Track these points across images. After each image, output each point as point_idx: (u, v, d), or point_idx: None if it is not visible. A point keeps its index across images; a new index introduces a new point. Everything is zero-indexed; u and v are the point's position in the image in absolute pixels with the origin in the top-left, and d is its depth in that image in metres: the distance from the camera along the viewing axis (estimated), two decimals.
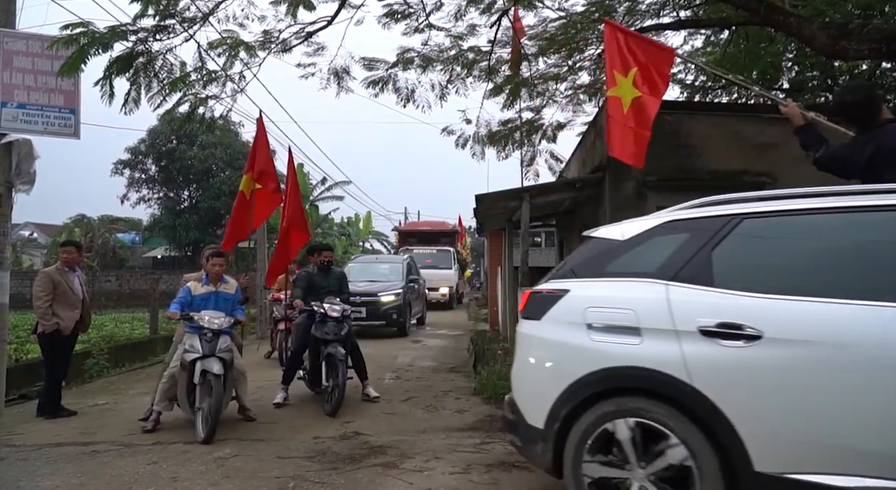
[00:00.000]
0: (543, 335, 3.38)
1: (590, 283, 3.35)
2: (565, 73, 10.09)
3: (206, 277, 5.98)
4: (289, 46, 8.01)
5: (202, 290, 5.90)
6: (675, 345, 2.89)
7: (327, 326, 6.50)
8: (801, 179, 7.96)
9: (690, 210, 3.31)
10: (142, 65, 6.86)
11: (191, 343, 5.64)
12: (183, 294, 5.82)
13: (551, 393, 3.19)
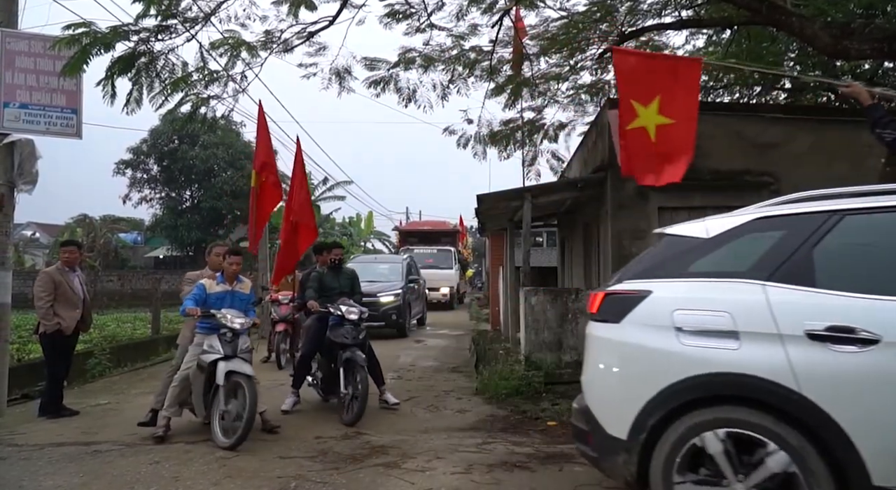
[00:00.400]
0: (625, 339, 3.15)
1: (674, 284, 3.15)
2: (567, 72, 10.08)
3: (222, 276, 5.68)
4: (290, 46, 8.01)
5: (217, 288, 5.59)
6: (780, 350, 2.70)
7: (344, 330, 6.12)
8: (802, 179, 7.99)
9: (781, 206, 3.15)
10: (144, 65, 6.86)
11: (210, 343, 5.35)
12: (197, 291, 5.51)
13: (637, 401, 2.98)
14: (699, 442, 2.82)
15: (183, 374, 5.52)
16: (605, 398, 3.27)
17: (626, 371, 3.18)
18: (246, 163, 30.60)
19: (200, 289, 5.55)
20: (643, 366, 3.08)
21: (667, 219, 7.85)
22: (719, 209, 8.07)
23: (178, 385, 5.52)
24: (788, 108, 10.63)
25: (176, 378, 5.56)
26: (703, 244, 3.19)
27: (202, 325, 5.51)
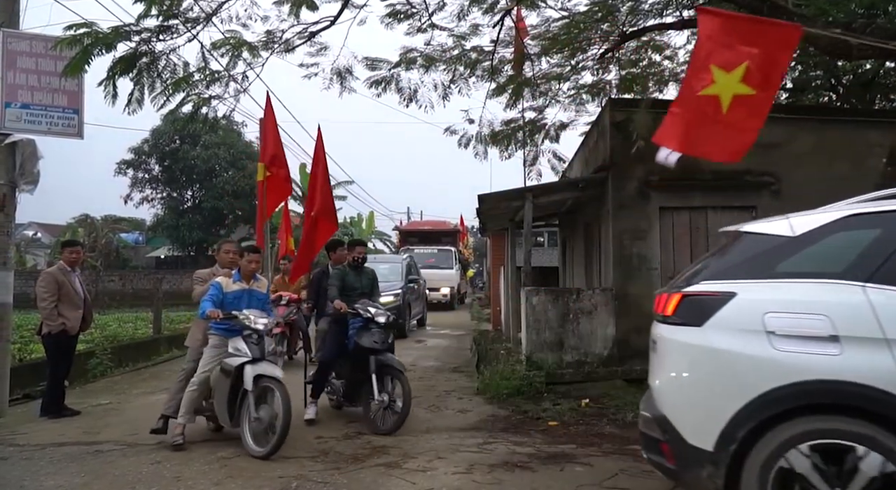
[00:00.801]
0: (710, 344, 2.96)
1: (762, 285, 2.99)
2: (568, 72, 10.06)
3: (238, 274, 5.37)
4: (292, 46, 8.00)
5: (234, 287, 5.28)
6: (888, 356, 2.58)
7: (374, 334, 5.74)
8: (803, 179, 7.99)
9: (875, 204, 3.00)
10: (145, 65, 6.86)
11: (235, 346, 5.05)
12: (214, 291, 5.17)
13: (725, 410, 2.81)
14: (785, 463, 2.69)
15: (201, 378, 5.19)
16: (686, 406, 3.07)
17: (712, 378, 2.98)
18: (247, 163, 30.62)
19: (217, 288, 5.20)
20: (732, 372, 2.90)
21: (668, 219, 7.86)
22: (720, 209, 8.14)
23: (195, 390, 5.19)
24: (790, 107, 10.61)
25: (193, 382, 5.21)
26: (788, 243, 3.05)
27: (218, 327, 5.21)
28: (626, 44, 9.28)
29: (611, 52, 9.25)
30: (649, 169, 7.81)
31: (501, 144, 11.10)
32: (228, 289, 5.25)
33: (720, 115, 4.30)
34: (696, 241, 7.85)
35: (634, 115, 7.96)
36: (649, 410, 3.24)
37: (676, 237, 7.85)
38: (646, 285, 7.71)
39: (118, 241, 36.02)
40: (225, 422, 5.15)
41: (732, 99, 4.27)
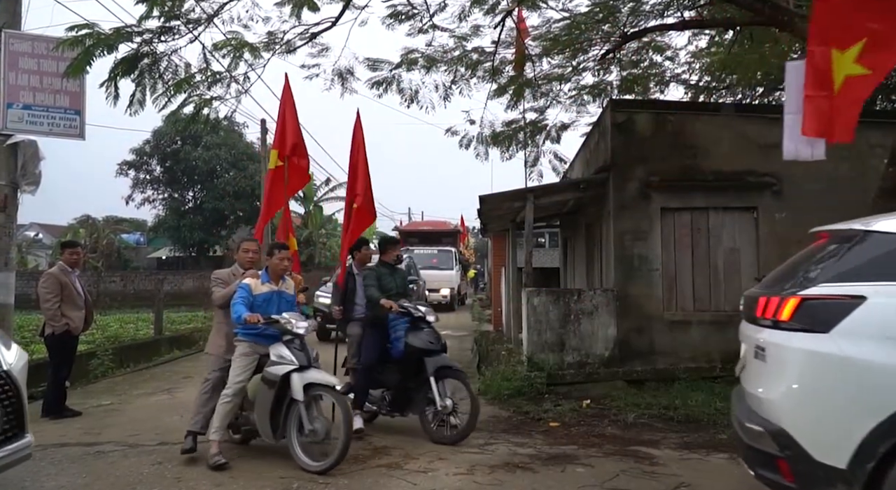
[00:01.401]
0: (841, 352, 2.75)
1: None
2: (569, 73, 10.07)
3: (266, 274, 4.96)
4: (293, 47, 8.02)
5: (263, 289, 4.86)
6: None
7: (425, 333, 5.38)
8: (805, 180, 7.97)
9: None
10: (147, 66, 6.88)
11: (278, 353, 4.62)
12: (244, 293, 4.73)
13: (861, 424, 2.61)
14: None
15: (235, 390, 4.73)
16: (813, 420, 2.82)
17: (846, 389, 2.76)
18: (248, 163, 30.65)
19: (246, 290, 4.76)
20: (869, 383, 2.69)
21: (669, 219, 7.85)
22: (722, 210, 8.12)
23: (228, 402, 4.72)
24: None
25: (226, 395, 4.73)
26: None
27: (247, 332, 4.77)
28: (627, 44, 9.28)
29: (612, 53, 9.26)
30: (650, 169, 7.82)
31: (502, 145, 11.11)
32: (258, 290, 4.82)
33: (830, 98, 4.02)
34: (697, 241, 7.84)
35: (635, 115, 7.97)
36: (760, 423, 2.96)
37: (678, 238, 7.85)
38: (647, 286, 7.71)
39: (119, 242, 36.08)
40: (267, 435, 4.66)
41: (845, 81, 3.97)
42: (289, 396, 4.54)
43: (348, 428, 4.42)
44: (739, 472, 4.31)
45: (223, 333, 5.05)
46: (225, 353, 4.97)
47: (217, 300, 5.06)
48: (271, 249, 5.04)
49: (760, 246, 7.75)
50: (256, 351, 4.81)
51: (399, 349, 5.44)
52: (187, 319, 15.07)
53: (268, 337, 4.77)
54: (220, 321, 5.13)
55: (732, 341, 7.65)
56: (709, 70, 12.23)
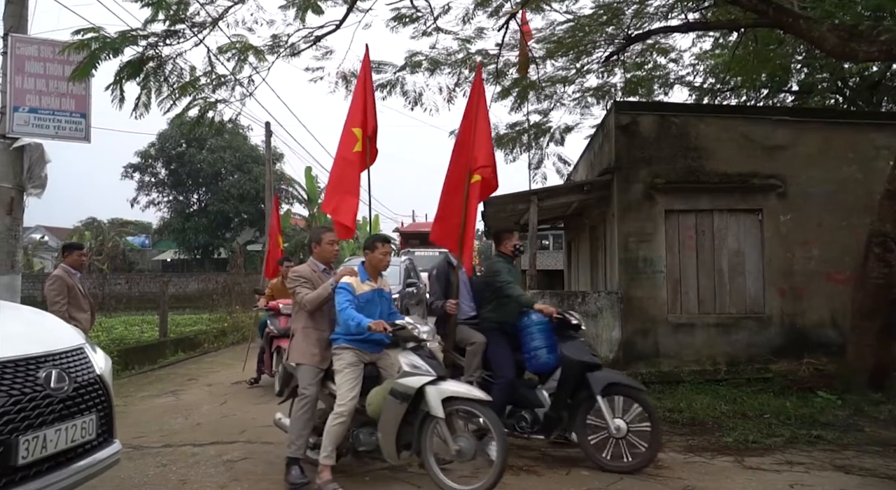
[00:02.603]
0: None
1: None
2: (573, 75, 10.08)
3: (363, 269, 4.45)
4: (297, 50, 8.04)
5: (365, 288, 4.34)
6: None
7: (583, 344, 4.74)
8: (810, 181, 7.95)
9: None
10: (152, 69, 6.91)
11: (411, 362, 4.07)
12: (348, 296, 4.22)
13: None
14: None
15: (349, 408, 4.12)
16: None
17: None
18: (253, 166, 30.71)
19: (349, 291, 4.25)
20: None
21: (673, 221, 7.84)
22: (726, 212, 8.10)
23: (342, 423, 4.12)
24: (796, 110, 10.59)
25: (339, 413, 4.12)
26: None
27: (351, 338, 4.23)
28: (631, 47, 9.29)
29: (616, 55, 9.26)
30: (655, 171, 7.81)
31: (506, 147, 11.13)
32: (360, 291, 4.30)
33: None
34: (701, 243, 7.83)
35: (640, 117, 7.96)
36: None
37: (682, 240, 7.84)
38: (651, 288, 7.69)
39: (125, 244, 36.15)
40: (391, 456, 4.09)
41: None
42: (422, 412, 4.00)
43: (503, 447, 3.79)
44: (744, 476, 4.29)
45: (314, 340, 4.39)
46: (320, 363, 4.35)
47: (309, 304, 4.37)
48: (372, 242, 4.49)
49: (765, 248, 7.73)
50: (362, 359, 4.28)
51: (542, 362, 4.74)
52: (192, 322, 15.09)
53: (372, 343, 4.29)
54: (307, 326, 4.43)
55: (737, 344, 7.70)
56: (713, 72, 12.23)
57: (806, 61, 11.83)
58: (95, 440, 3.01)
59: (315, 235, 4.74)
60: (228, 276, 21.14)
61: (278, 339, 7.36)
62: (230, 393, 7.62)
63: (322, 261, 4.61)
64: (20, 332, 3.10)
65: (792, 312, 7.61)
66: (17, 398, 2.62)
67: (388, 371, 4.30)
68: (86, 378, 3.04)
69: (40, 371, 2.79)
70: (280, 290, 7.92)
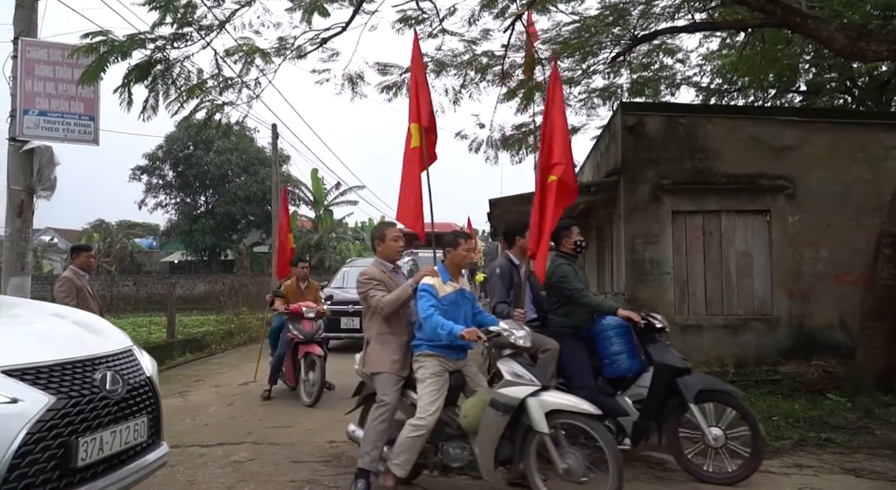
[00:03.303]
0: None
1: None
2: (579, 76, 10.07)
3: (444, 268, 4.12)
4: (304, 52, 8.08)
5: (447, 289, 4.01)
6: None
7: (669, 347, 4.51)
8: (818, 182, 7.90)
9: None
10: (160, 72, 6.95)
11: (512, 370, 3.75)
12: (431, 300, 3.88)
13: None
14: None
15: (433, 420, 3.78)
16: None
17: None
18: (259, 168, 30.80)
19: (431, 293, 3.90)
20: None
21: (680, 222, 7.81)
22: (734, 213, 8.06)
23: (423, 435, 3.79)
24: (804, 110, 10.54)
25: (418, 425, 3.77)
26: None
27: (434, 344, 3.91)
28: (637, 47, 9.27)
29: (622, 56, 9.25)
30: (661, 172, 7.79)
31: (512, 149, 11.13)
32: (443, 292, 3.97)
33: None
34: (709, 245, 7.80)
35: (646, 118, 7.94)
36: None
37: (689, 241, 7.81)
38: (659, 289, 7.67)
39: (133, 246, 36.34)
40: (489, 474, 3.77)
41: None
42: (523, 425, 3.70)
43: (618, 468, 3.48)
44: (753, 479, 4.26)
45: (394, 346, 4.05)
46: (400, 370, 4.01)
47: (387, 307, 4.02)
48: (454, 238, 4.19)
49: (773, 249, 7.69)
50: (447, 367, 3.95)
51: (624, 368, 4.51)
52: (199, 323, 15.16)
53: (458, 349, 3.98)
54: (383, 332, 4.09)
55: (745, 345, 7.66)
56: (720, 72, 12.20)
57: (814, 61, 11.78)
58: (146, 442, 3.01)
59: (378, 232, 4.40)
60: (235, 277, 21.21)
61: (306, 344, 6.98)
62: (237, 394, 7.65)
63: (387, 259, 4.33)
64: (73, 334, 3.10)
65: (800, 314, 7.57)
66: (77, 400, 2.62)
67: (474, 380, 4.06)
68: (137, 380, 3.04)
69: (96, 373, 2.79)
70: (295, 292, 7.47)
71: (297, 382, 7.20)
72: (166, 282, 26.19)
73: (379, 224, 4.45)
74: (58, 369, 2.66)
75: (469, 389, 4.04)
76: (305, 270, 7.69)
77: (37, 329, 3.07)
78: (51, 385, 2.57)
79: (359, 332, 10.22)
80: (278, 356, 7.29)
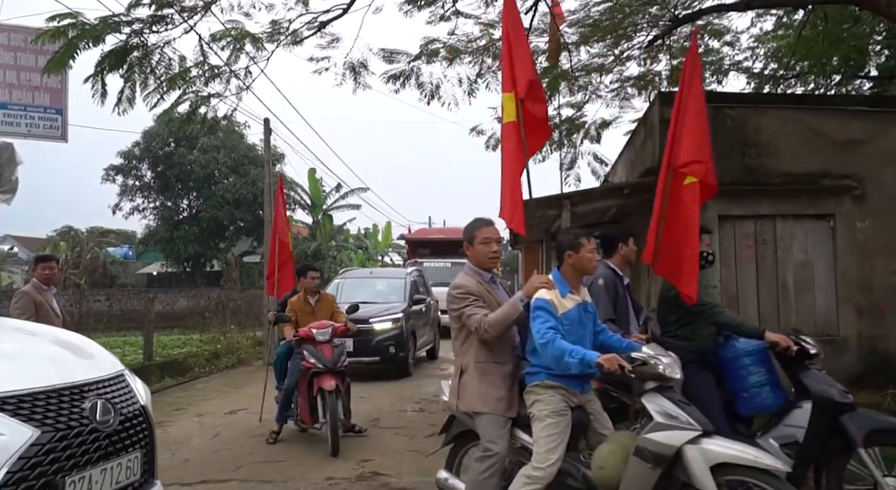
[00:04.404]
0: None
1: None
2: (611, 63, 10.06)
3: (561, 278, 3.72)
4: (300, 38, 8.15)
5: (568, 304, 3.63)
6: None
7: (826, 378, 4.13)
8: (893, 182, 7.80)
9: None
10: (137, 59, 7.03)
11: (663, 408, 3.40)
12: (550, 320, 3.46)
13: None
14: None
15: (553, 471, 3.41)
16: None
17: None
18: (250, 168, 30.99)
19: (548, 310, 3.49)
20: None
21: (728, 229, 7.75)
22: (791, 218, 7.97)
23: (537, 488, 3.43)
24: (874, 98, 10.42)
25: (536, 477, 3.40)
26: None
27: (555, 374, 3.52)
28: (678, 29, 9.24)
29: (661, 39, 9.22)
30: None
31: None
32: (563, 308, 3.59)
33: None
34: (762, 254, 7.72)
35: None
36: None
37: (739, 250, 7.74)
38: None
39: (105, 256, 36.63)
40: None
41: None
42: (678, 480, 3.35)
43: None
44: None
45: (497, 378, 3.67)
46: (507, 411, 3.63)
47: (491, 329, 3.56)
48: (575, 239, 3.76)
49: (838, 259, 7.60)
50: (570, 402, 3.56)
51: (766, 403, 4.20)
52: (181, 343, 15.23)
53: (584, 378, 3.64)
54: (482, 360, 3.70)
55: None
56: (775, 56, 12.12)
57: (886, 42, 11.67)
58: (139, 481, 2.95)
59: (468, 231, 3.92)
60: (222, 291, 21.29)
61: (323, 376, 6.22)
62: (223, 424, 7.67)
63: (480, 266, 3.88)
64: (56, 356, 3.05)
65: (872, 334, 7.46)
66: (64, 433, 2.55)
67: (599, 418, 3.70)
68: (130, 409, 2.98)
69: (85, 401, 2.72)
70: (303, 310, 6.76)
71: (314, 422, 6.42)
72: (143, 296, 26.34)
73: (473, 221, 4.00)
74: (42, 398, 2.59)
75: (593, 430, 3.67)
76: (315, 281, 6.92)
77: (11, 350, 3.01)
78: (34, 416, 2.51)
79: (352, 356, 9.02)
80: (287, 390, 6.69)
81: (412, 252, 24.36)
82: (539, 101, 4.60)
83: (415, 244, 24.58)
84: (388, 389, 9.50)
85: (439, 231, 27.60)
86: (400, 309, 11.73)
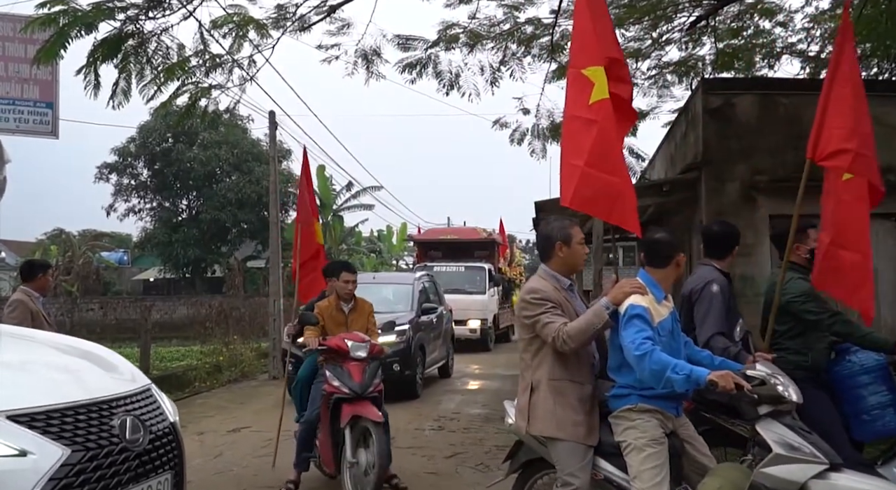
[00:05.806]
0: None
1: None
2: (648, 48, 10.03)
3: (654, 282, 3.52)
4: (308, 24, 8.21)
5: (663, 311, 3.46)
6: None
7: None
8: None
9: None
10: (132, 48, 7.11)
11: (783, 439, 3.28)
12: (646, 330, 3.25)
13: None
14: None
15: None
16: None
17: None
18: (254, 165, 31.20)
19: (645, 319, 3.29)
20: None
21: None
22: None
23: None
24: None
25: None
26: None
27: (647, 395, 3.35)
28: (724, 8, 9.18)
29: (704, 20, 9.17)
30: (755, 167, 7.68)
31: None
32: (659, 316, 3.41)
33: None
34: None
35: (735, 98, 7.84)
36: None
37: None
38: (754, 315, 7.51)
39: (98, 261, 37.12)
40: None
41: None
42: None
43: None
44: None
45: (574, 399, 3.49)
46: (586, 437, 3.44)
47: (571, 341, 3.36)
48: (566, 230, 3.62)
49: None
50: (665, 428, 3.39)
51: (891, 428, 3.98)
52: (180, 355, 15.38)
53: (675, 400, 3.45)
54: (559, 377, 3.51)
55: None
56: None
57: None
58: None
59: (561, 231, 3.63)
60: (225, 298, 21.54)
61: (354, 403, 5.21)
62: (226, 443, 7.73)
63: (565, 272, 3.68)
64: (81, 368, 3.08)
65: None
66: (94, 452, 2.56)
67: (694, 444, 3.52)
68: (160, 427, 2.99)
69: (114, 418, 2.74)
70: (334, 318, 5.78)
71: (340, 467, 5.37)
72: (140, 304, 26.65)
73: (557, 220, 3.75)
74: (70, 414, 2.60)
75: (689, 458, 3.47)
76: (350, 285, 5.84)
77: (35, 362, 3.05)
78: (64, 434, 2.52)
79: None
80: (308, 422, 5.67)
81: (422, 255, 23.00)
82: (624, 81, 4.43)
83: (425, 246, 22.92)
84: (404, 406, 9.51)
85: (452, 231, 25.99)
86: (406, 319, 11.22)
